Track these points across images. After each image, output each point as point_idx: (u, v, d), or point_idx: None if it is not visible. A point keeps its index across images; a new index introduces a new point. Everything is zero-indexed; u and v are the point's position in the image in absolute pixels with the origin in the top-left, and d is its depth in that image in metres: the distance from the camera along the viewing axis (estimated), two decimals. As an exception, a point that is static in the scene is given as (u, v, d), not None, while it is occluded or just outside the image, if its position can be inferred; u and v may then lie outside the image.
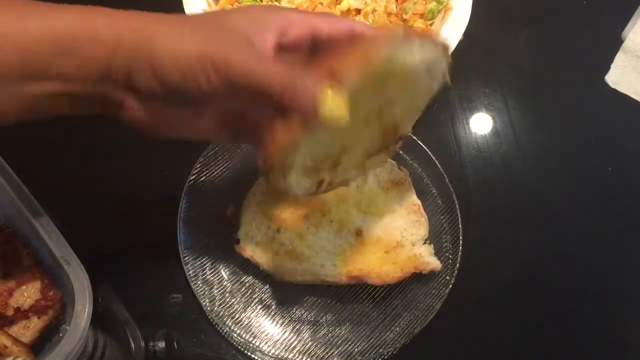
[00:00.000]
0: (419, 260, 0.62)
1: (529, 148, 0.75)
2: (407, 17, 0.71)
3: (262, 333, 0.62)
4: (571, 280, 0.68)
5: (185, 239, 0.65)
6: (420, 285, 0.64)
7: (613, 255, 0.69)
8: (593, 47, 0.82)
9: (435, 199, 0.68)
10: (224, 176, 0.69)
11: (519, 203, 0.71)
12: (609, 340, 0.66)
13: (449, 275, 0.64)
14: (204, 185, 0.68)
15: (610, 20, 0.83)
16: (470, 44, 0.68)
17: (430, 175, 0.69)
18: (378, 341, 0.61)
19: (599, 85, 0.78)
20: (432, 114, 0.77)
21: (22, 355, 0.56)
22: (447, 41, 0.43)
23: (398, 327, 0.62)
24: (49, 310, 0.59)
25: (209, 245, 0.66)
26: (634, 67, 0.79)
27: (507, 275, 0.68)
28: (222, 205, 0.68)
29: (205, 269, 0.64)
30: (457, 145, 0.74)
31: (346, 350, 0.61)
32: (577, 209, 0.72)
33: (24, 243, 0.62)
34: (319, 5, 0.77)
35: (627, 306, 0.67)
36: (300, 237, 0.62)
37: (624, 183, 0.73)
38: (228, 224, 0.67)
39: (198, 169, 0.68)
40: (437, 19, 0.71)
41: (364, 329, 0.62)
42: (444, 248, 0.65)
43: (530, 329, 0.65)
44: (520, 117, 0.77)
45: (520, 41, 0.83)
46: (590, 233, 0.70)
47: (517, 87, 0.79)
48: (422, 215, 0.65)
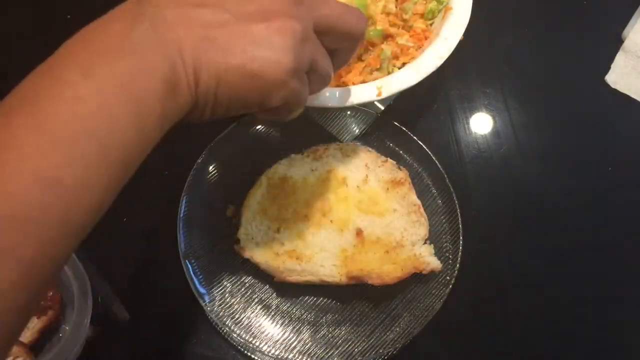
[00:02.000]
0: (419, 260, 0.62)
1: (529, 148, 0.75)
2: (407, 17, 0.70)
3: (262, 333, 0.62)
4: (571, 280, 0.68)
5: (185, 239, 0.65)
6: (420, 285, 0.64)
7: (613, 255, 0.69)
8: (593, 47, 0.82)
9: (435, 199, 0.68)
10: (224, 176, 0.69)
11: (519, 203, 0.71)
12: (609, 340, 0.66)
13: (449, 275, 0.64)
14: (204, 185, 0.68)
15: (610, 20, 0.83)
16: (470, 44, 0.67)
17: (430, 175, 0.69)
18: (378, 341, 0.61)
19: (599, 85, 0.78)
20: (432, 114, 0.77)
21: (22, 355, 0.56)
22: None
23: (398, 327, 0.62)
24: (48, 311, 0.59)
25: (209, 245, 0.65)
26: (634, 67, 0.79)
27: (507, 275, 0.68)
28: (222, 205, 0.68)
29: (205, 269, 0.64)
30: (457, 145, 0.74)
31: (346, 350, 0.61)
32: (577, 208, 0.72)
33: (23, 243, 0.62)
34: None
35: (627, 306, 0.67)
36: (300, 237, 0.62)
37: (624, 183, 0.73)
38: (228, 224, 0.67)
39: (198, 169, 0.68)
40: (437, 18, 0.71)
41: (364, 329, 0.62)
42: (444, 248, 0.65)
43: (530, 328, 0.65)
44: (520, 117, 0.77)
45: (520, 41, 0.83)
46: (591, 233, 0.70)
47: (517, 87, 0.79)
48: (422, 215, 0.65)
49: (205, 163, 0.69)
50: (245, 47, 0.38)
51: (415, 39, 0.70)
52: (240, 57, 0.38)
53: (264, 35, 0.38)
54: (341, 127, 0.72)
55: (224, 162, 0.70)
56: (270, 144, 0.71)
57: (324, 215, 0.63)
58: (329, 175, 0.65)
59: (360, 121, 0.72)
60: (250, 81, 0.39)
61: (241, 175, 0.69)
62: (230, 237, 0.66)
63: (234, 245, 0.64)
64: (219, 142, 0.70)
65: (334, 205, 0.64)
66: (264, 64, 0.38)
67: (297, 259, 0.61)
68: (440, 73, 0.66)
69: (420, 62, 0.66)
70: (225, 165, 0.70)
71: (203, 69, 0.37)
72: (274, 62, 0.39)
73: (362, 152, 0.68)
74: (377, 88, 0.64)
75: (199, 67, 0.37)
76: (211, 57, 0.37)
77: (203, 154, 0.69)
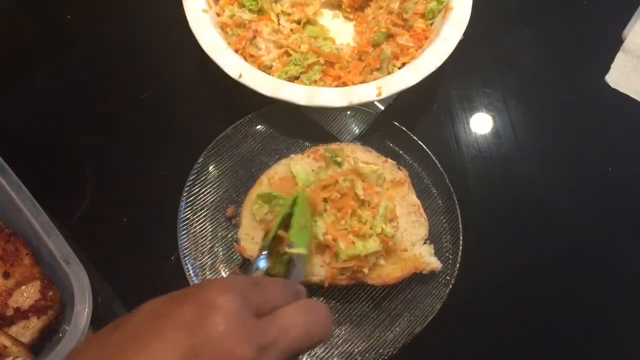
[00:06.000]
0: (419, 260, 0.62)
1: (529, 148, 0.75)
2: (407, 16, 0.71)
3: (262, 333, 0.62)
4: (571, 280, 0.68)
5: (185, 239, 0.65)
6: (420, 285, 0.64)
7: (613, 255, 0.69)
8: (593, 47, 0.81)
9: (435, 199, 0.68)
10: (224, 176, 0.69)
11: (519, 203, 0.71)
12: (609, 340, 0.66)
13: (449, 275, 0.64)
14: (204, 185, 0.68)
15: (610, 20, 0.83)
16: (470, 44, 0.67)
17: (430, 175, 0.69)
18: (378, 341, 0.61)
19: (599, 85, 0.78)
20: (432, 114, 0.77)
21: (22, 355, 0.56)
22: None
23: (398, 327, 0.62)
24: (48, 311, 0.59)
25: (209, 245, 0.65)
26: (634, 67, 0.79)
27: (507, 275, 0.68)
28: (222, 205, 0.68)
29: (205, 269, 0.64)
30: (457, 145, 0.74)
31: (346, 350, 0.61)
32: (577, 208, 0.71)
33: (24, 243, 0.62)
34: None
35: (626, 306, 0.67)
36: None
37: (624, 183, 0.73)
38: (228, 224, 0.67)
39: (198, 169, 0.68)
40: (437, 18, 0.71)
41: (364, 329, 0.62)
42: (444, 248, 0.65)
43: (530, 328, 0.65)
44: (520, 117, 0.77)
45: (521, 41, 0.83)
46: (591, 233, 0.70)
47: (517, 87, 0.79)
48: (422, 215, 0.65)
49: (205, 163, 0.69)
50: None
51: (415, 39, 0.70)
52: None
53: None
54: (341, 127, 0.72)
55: (224, 162, 0.70)
56: (270, 144, 0.71)
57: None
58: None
59: (360, 121, 0.72)
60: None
61: (241, 175, 0.69)
62: (230, 237, 0.66)
63: (234, 245, 0.64)
64: (219, 142, 0.70)
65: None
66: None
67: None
68: (440, 73, 0.66)
69: (420, 62, 0.66)
70: (225, 165, 0.70)
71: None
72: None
73: (362, 152, 0.67)
74: (377, 88, 0.64)
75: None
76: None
77: (203, 154, 0.69)
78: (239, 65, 0.66)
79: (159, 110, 0.77)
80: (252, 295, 0.35)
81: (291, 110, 0.70)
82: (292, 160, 0.66)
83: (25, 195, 0.61)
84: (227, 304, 0.33)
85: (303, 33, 0.73)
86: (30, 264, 0.61)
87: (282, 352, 0.35)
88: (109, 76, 0.79)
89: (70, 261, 0.59)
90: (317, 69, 0.68)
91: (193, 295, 0.34)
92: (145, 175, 0.72)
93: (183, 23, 0.68)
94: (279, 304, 0.37)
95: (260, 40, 0.70)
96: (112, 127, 0.76)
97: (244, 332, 0.33)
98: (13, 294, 0.60)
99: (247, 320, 0.33)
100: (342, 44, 0.74)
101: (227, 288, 0.34)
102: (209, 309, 0.33)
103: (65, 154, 0.75)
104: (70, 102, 0.78)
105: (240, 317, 0.33)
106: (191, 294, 0.34)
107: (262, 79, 0.65)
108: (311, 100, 0.64)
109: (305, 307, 0.38)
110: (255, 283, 0.37)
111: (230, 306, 0.33)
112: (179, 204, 0.66)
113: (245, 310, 0.34)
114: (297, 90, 0.64)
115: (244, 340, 0.32)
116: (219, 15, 0.73)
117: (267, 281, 0.39)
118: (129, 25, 0.83)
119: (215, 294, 0.33)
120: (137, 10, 0.84)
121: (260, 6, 0.72)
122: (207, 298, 0.33)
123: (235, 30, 0.71)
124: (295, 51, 0.69)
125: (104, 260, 0.66)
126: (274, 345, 0.34)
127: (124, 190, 0.72)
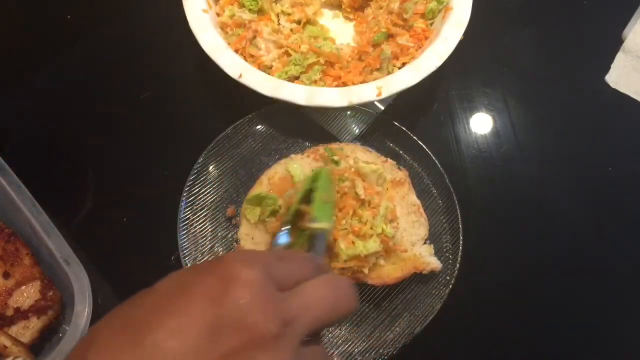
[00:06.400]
0: (419, 260, 0.62)
1: (529, 148, 0.75)
2: (407, 16, 0.71)
3: (262, 333, 0.62)
4: (571, 280, 0.68)
5: (185, 239, 0.65)
6: (420, 285, 0.64)
7: (613, 255, 0.69)
8: (593, 47, 0.81)
9: (435, 199, 0.68)
10: (224, 176, 0.69)
11: (519, 203, 0.71)
12: (609, 340, 0.66)
13: (449, 275, 0.64)
14: (204, 185, 0.68)
15: (610, 20, 0.83)
16: (470, 44, 0.67)
17: (430, 175, 0.69)
18: (378, 341, 0.61)
19: (599, 85, 0.78)
20: (432, 114, 0.77)
21: (22, 355, 0.56)
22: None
23: (398, 327, 0.62)
24: (48, 311, 0.59)
25: (209, 245, 0.65)
26: (634, 67, 0.79)
27: (507, 275, 0.68)
28: (222, 205, 0.68)
29: (205, 269, 0.64)
30: (457, 145, 0.74)
31: (346, 350, 0.61)
32: (577, 208, 0.72)
33: (24, 243, 0.62)
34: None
35: (626, 306, 0.67)
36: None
37: (624, 183, 0.73)
38: (228, 224, 0.67)
39: (198, 169, 0.68)
40: (437, 18, 0.71)
41: (364, 329, 0.62)
42: (444, 248, 0.65)
43: (530, 328, 0.65)
44: (520, 117, 0.77)
45: (520, 41, 0.83)
46: (591, 233, 0.70)
47: (517, 87, 0.79)
48: (422, 215, 0.65)
49: (205, 163, 0.69)
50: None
51: (415, 39, 0.70)
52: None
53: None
54: (341, 127, 0.72)
55: (224, 162, 0.70)
56: (270, 144, 0.71)
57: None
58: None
59: (360, 121, 0.72)
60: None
61: (241, 175, 0.69)
62: (230, 237, 0.66)
63: (234, 245, 0.64)
64: (219, 142, 0.70)
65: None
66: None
67: (297, 259, 0.61)
68: (440, 73, 0.66)
69: (420, 62, 0.66)
70: (225, 165, 0.70)
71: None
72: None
73: (362, 152, 0.67)
74: (377, 88, 0.64)
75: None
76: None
77: (203, 154, 0.69)
78: (239, 65, 0.66)
79: (159, 110, 0.77)
80: (275, 269, 0.35)
81: (291, 110, 0.70)
82: (291, 160, 0.66)
83: (25, 195, 0.61)
84: (250, 277, 0.33)
85: (303, 33, 0.73)
86: (30, 264, 0.61)
87: (305, 326, 0.35)
88: (109, 76, 0.79)
89: (70, 261, 0.59)
90: (317, 69, 0.68)
91: (216, 268, 0.34)
92: (145, 175, 0.72)
93: (183, 23, 0.68)
94: (303, 278, 0.36)
95: (260, 40, 0.70)
96: (112, 127, 0.76)
97: (268, 306, 0.32)
98: (13, 294, 0.60)
99: (271, 294, 0.33)
100: (342, 44, 0.74)
101: (251, 261, 0.34)
102: (233, 282, 0.32)
103: (65, 154, 0.75)
104: (70, 102, 0.78)
105: (264, 290, 0.33)
106: (215, 267, 0.34)
107: (262, 79, 0.65)
108: (311, 100, 0.64)
109: (329, 282, 0.37)
110: (279, 257, 0.37)
111: (254, 279, 0.33)
112: (179, 204, 0.66)
113: (268, 284, 0.33)
114: (297, 90, 0.64)
115: (267, 313, 0.32)
116: (219, 15, 0.73)
117: (290, 255, 0.38)
118: (129, 25, 0.83)
119: (239, 267, 0.33)
120: (137, 10, 0.84)
121: (260, 6, 0.72)
122: (230, 271, 0.33)
123: (235, 30, 0.71)
124: (295, 51, 0.69)
125: (104, 260, 0.66)
126: (298, 319, 0.34)
127: (124, 190, 0.72)
